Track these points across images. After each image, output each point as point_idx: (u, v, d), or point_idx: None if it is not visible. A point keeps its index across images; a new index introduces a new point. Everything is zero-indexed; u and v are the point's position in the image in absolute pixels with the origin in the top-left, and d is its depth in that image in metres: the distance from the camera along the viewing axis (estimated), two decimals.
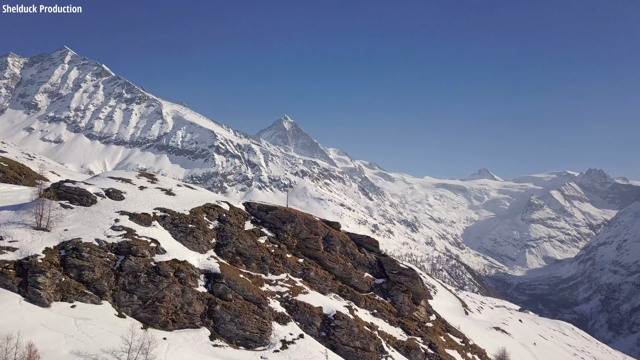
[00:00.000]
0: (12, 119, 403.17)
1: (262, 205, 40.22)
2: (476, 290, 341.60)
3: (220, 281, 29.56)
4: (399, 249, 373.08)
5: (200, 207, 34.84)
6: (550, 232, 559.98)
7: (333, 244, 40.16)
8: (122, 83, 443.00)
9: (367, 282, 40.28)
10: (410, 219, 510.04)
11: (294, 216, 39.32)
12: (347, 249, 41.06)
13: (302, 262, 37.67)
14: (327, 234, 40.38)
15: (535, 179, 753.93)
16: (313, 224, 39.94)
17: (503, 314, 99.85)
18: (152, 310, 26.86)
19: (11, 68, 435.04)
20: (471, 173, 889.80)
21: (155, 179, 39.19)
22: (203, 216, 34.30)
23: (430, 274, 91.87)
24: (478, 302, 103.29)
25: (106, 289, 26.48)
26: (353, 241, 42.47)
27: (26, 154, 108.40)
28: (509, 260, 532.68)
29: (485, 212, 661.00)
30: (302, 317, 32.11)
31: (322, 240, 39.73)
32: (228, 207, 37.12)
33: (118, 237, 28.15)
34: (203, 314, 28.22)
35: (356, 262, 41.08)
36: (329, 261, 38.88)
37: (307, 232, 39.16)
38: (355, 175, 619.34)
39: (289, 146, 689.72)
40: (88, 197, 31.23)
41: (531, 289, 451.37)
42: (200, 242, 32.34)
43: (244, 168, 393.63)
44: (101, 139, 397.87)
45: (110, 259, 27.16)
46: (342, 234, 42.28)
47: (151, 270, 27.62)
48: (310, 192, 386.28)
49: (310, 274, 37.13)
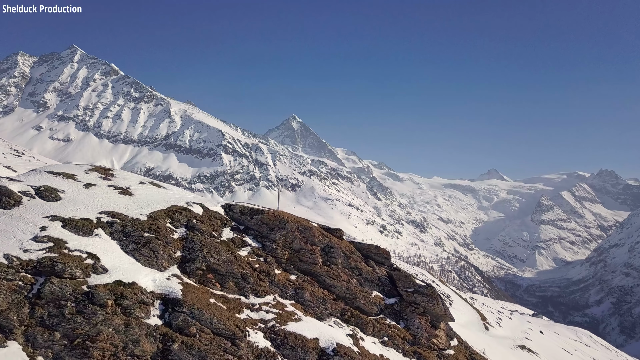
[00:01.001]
0: (21, 117, 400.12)
1: (246, 208, 32.08)
2: (485, 292, 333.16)
3: (180, 310, 21.57)
4: (408, 250, 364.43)
5: (163, 211, 26.80)
6: (560, 233, 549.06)
7: (334, 256, 31.98)
8: (130, 82, 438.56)
9: (375, 302, 32.18)
10: (418, 219, 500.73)
11: (285, 222, 31.17)
12: (351, 262, 32.86)
13: (294, 279, 29.59)
14: (327, 243, 32.21)
15: (545, 180, 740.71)
16: (309, 232, 31.75)
17: (522, 324, 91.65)
18: (82, 353, 18.89)
19: (21, 67, 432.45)
20: (480, 173, 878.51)
21: (111, 174, 31.28)
22: (166, 222, 26.27)
23: (443, 280, 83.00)
24: (495, 311, 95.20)
25: (15, 324, 18.58)
26: (359, 252, 34.28)
27: (15, 150, 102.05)
28: (518, 262, 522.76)
29: (494, 213, 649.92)
30: (292, 352, 24.14)
31: (320, 251, 31.55)
32: (201, 210, 29.06)
33: (40, 251, 20.26)
34: (155, 356, 20.34)
35: (362, 278, 32.95)
36: (329, 277, 30.79)
37: (301, 241, 31.06)
38: (364, 175, 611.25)
39: (297, 146, 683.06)
40: (9, 198, 23.29)
41: (541, 291, 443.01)
42: (159, 256, 24.42)
43: (252, 167, 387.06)
44: (109, 137, 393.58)
45: (24, 283, 19.25)
46: (345, 244, 34.07)
47: (82, 297, 19.71)
48: (317, 191, 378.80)
49: (305, 294, 29.04)
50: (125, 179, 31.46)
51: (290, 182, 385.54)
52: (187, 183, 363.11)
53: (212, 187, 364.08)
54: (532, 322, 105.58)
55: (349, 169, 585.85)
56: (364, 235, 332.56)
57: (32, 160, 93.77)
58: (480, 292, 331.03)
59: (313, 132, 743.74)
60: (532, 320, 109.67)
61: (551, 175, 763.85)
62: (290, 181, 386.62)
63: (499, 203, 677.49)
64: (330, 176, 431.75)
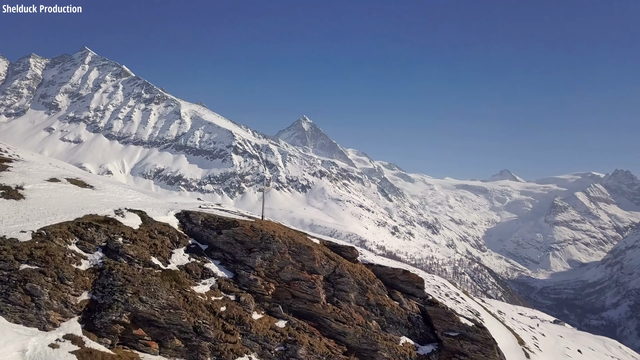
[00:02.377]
0: (33, 119, 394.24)
1: (212, 217, 21.24)
2: (499, 294, 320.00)
3: None
4: (420, 252, 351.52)
5: (67, 225, 16.18)
6: (575, 234, 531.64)
7: (344, 288, 21.07)
8: (141, 83, 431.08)
9: (405, 354, 21.47)
10: (430, 220, 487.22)
11: (270, 238, 20.24)
12: (369, 297, 21.90)
13: (283, 327, 18.76)
14: (334, 269, 21.27)
15: (559, 180, 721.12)
16: (306, 253, 20.75)
17: (558, 342, 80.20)
18: None
19: (33, 69, 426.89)
20: (492, 174, 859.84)
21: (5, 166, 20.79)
22: (67, 244, 15.63)
23: (467, 291, 71.12)
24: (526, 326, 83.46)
25: None
26: (380, 279, 23.43)
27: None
28: (532, 264, 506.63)
29: (507, 214, 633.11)
30: None
31: (323, 282, 20.62)
32: (138, 221, 18.33)
33: None
34: None
35: (385, 319, 22.11)
36: (337, 321, 20.02)
37: (295, 267, 20.19)
38: (375, 175, 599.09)
39: (308, 147, 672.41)
40: None
41: (556, 293, 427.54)
42: (42, 304, 13.95)
43: (262, 168, 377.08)
44: (120, 139, 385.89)
45: None
46: (360, 269, 23.06)
47: None
48: (328, 192, 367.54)
49: (299, 351, 18.23)
50: (25, 173, 20.76)
51: (301, 183, 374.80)
52: (197, 184, 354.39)
53: (222, 188, 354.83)
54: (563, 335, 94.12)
55: (360, 169, 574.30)
56: (375, 237, 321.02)
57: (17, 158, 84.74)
58: (494, 294, 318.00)
59: (324, 133, 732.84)
60: (557, 330, 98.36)
61: (565, 175, 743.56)
62: (301, 182, 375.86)
63: (511, 204, 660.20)
64: (340, 177, 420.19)
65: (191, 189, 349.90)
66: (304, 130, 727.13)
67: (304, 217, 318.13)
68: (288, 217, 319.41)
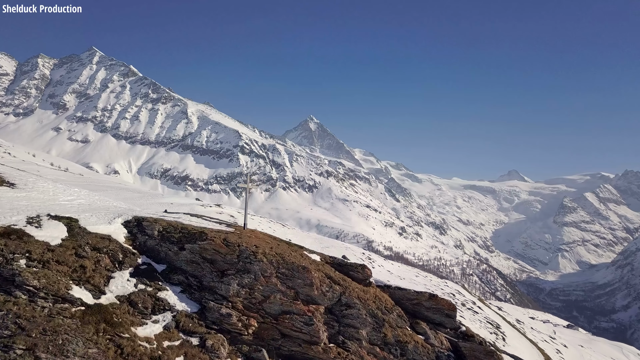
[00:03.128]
0: (41, 119, 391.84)
1: (173, 226, 15.44)
2: (508, 296, 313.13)
3: None
4: (427, 253, 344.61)
5: None
6: (584, 235, 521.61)
7: (353, 323, 15.25)
8: (148, 83, 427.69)
9: None
10: (438, 221, 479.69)
11: (251, 257, 14.39)
12: (385, 332, 16.13)
13: None
14: (339, 298, 15.36)
15: (568, 181, 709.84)
16: (300, 276, 14.86)
17: (580, 354, 74.61)
18: None
19: (41, 69, 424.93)
20: (500, 174, 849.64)
21: None
22: None
23: (483, 299, 64.67)
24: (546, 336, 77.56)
25: None
26: (399, 306, 17.69)
27: None
28: (540, 265, 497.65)
29: (515, 215, 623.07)
30: None
31: (324, 315, 14.81)
32: (62, 233, 12.74)
33: None
34: None
35: None
36: None
37: (284, 297, 14.39)
38: (382, 176, 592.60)
39: (315, 147, 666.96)
40: None
41: (565, 295, 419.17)
42: None
43: (269, 168, 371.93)
44: (127, 138, 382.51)
45: None
46: (374, 294, 17.18)
47: None
48: (335, 192, 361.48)
49: None
50: None
51: (307, 183, 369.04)
52: (203, 184, 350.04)
53: (228, 188, 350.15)
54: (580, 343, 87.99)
55: (367, 170, 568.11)
56: (383, 238, 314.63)
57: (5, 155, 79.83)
58: (503, 296, 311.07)
59: (330, 133, 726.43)
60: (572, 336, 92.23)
61: (574, 176, 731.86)
62: (307, 182, 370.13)
63: (519, 204, 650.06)
64: (347, 177, 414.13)
65: (198, 189, 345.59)
66: (311, 130, 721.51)
67: (311, 218, 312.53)
68: (295, 218, 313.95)
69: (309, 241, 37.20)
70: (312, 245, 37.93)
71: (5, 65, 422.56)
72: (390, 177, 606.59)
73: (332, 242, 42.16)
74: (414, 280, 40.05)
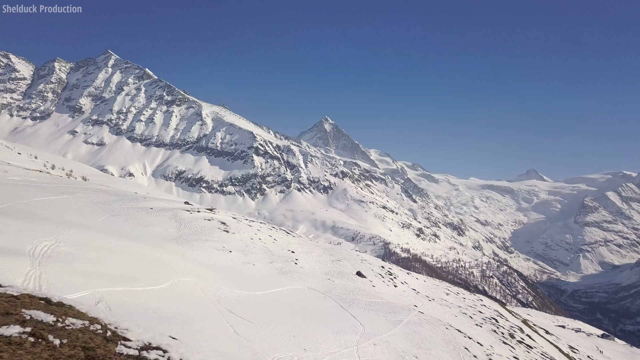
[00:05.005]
0: (57, 122, 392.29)
1: None
2: (530, 299, 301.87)
3: None
4: (446, 255, 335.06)
5: None
6: (606, 235, 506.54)
7: None
8: (163, 85, 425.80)
9: None
10: (456, 221, 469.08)
11: None
12: None
13: None
14: None
15: (588, 180, 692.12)
16: None
17: None
18: None
19: (58, 73, 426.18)
20: (519, 174, 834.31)
21: None
22: None
23: (528, 321, 56.07)
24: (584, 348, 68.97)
25: None
26: None
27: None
28: (561, 266, 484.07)
29: (534, 215, 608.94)
30: None
31: None
32: None
33: None
34: None
35: None
36: None
37: None
38: (398, 176, 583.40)
39: (330, 147, 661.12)
40: None
41: (587, 297, 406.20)
42: None
43: (283, 169, 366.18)
44: (142, 141, 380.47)
45: None
46: None
47: None
48: (350, 193, 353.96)
49: None
50: None
51: (322, 184, 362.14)
52: (218, 186, 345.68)
53: (243, 190, 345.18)
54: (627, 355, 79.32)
55: (383, 170, 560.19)
56: (400, 240, 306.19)
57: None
58: (525, 299, 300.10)
59: (346, 134, 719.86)
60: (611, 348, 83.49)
61: (594, 175, 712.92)
62: (322, 183, 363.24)
63: (539, 204, 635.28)
64: (363, 178, 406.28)
65: (212, 191, 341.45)
66: (326, 131, 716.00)
67: (326, 219, 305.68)
68: (310, 219, 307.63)
69: (316, 253, 30.36)
70: (319, 258, 30.89)
71: (22, 69, 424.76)
72: (407, 177, 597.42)
73: (344, 254, 35.31)
74: (445, 301, 32.95)
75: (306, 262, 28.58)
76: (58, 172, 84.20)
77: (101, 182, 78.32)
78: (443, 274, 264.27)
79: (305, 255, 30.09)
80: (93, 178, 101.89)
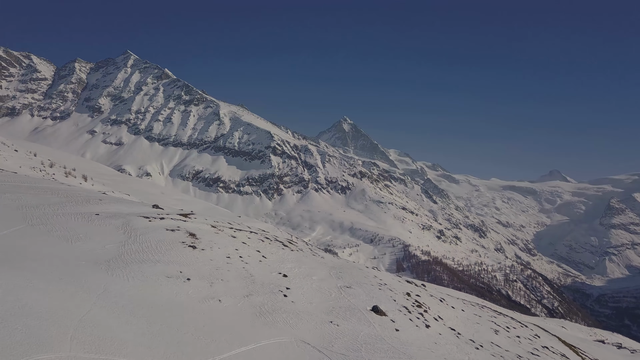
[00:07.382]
0: (77, 122, 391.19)
1: None
2: (556, 304, 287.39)
3: None
4: (467, 257, 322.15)
5: None
6: (633, 238, 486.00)
7: None
8: (181, 85, 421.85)
9: None
10: (477, 223, 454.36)
11: None
12: None
13: None
14: None
15: (614, 181, 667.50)
16: None
17: None
18: None
19: (78, 73, 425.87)
20: (541, 175, 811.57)
21: None
22: None
23: (577, 348, 46.11)
24: None
25: None
26: None
27: None
28: (586, 269, 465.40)
29: (557, 216, 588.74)
30: None
31: None
32: None
33: None
34: None
35: None
36: None
37: None
38: (418, 177, 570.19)
39: (348, 147, 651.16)
40: None
41: (615, 302, 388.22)
42: None
43: (300, 169, 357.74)
44: (160, 140, 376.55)
45: None
46: None
47: None
48: (369, 194, 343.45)
49: None
50: None
51: (340, 185, 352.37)
52: (235, 186, 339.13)
53: (260, 190, 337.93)
54: None
55: (402, 170, 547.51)
56: (420, 242, 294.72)
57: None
58: (550, 304, 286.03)
59: (364, 134, 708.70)
60: None
61: (620, 176, 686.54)
62: (340, 183, 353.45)
63: (562, 205, 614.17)
64: (382, 178, 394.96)
65: (229, 191, 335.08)
66: (345, 131, 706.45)
67: (344, 220, 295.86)
68: (327, 220, 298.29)
69: (318, 276, 20.49)
70: (321, 284, 20.63)
71: (44, 70, 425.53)
72: (427, 177, 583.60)
73: (356, 276, 24.31)
74: (497, 346, 22.70)
75: (301, 292, 18.98)
76: (56, 170, 77.06)
77: (104, 182, 70.61)
78: (465, 278, 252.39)
79: (302, 280, 20.69)
80: (105, 177, 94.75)
